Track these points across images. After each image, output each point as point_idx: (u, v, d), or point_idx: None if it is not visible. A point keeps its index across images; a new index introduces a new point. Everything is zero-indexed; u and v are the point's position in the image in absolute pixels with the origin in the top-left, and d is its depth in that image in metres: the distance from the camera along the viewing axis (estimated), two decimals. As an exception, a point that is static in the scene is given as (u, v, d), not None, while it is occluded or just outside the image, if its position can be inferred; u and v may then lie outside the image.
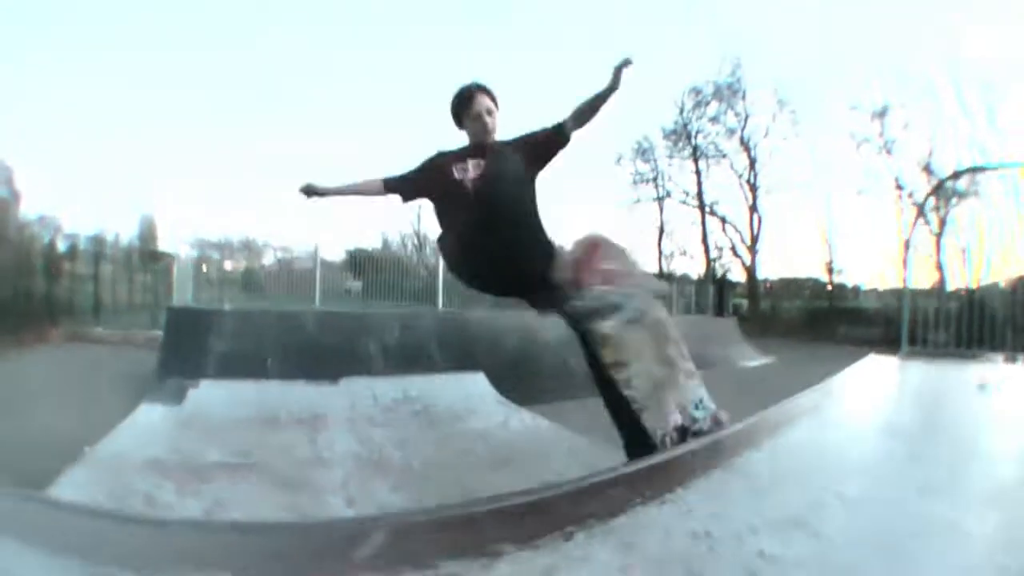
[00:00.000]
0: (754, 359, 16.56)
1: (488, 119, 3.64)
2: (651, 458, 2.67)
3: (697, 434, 3.11)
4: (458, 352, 9.79)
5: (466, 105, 3.62)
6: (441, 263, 12.60)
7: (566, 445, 6.53)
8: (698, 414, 3.22)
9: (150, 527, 2.30)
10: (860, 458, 3.15)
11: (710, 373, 11.99)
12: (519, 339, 10.60)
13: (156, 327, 16.08)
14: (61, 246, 25.72)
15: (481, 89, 3.67)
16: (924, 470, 2.78)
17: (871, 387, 6.33)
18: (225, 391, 7.89)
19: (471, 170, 3.48)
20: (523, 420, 7.68)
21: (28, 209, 26.67)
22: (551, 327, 11.11)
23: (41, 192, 42.40)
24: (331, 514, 4.65)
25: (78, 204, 47.65)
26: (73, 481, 5.13)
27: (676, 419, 3.17)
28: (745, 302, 29.35)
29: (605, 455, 6.42)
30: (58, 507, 2.42)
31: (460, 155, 3.61)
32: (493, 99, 3.68)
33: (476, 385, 8.76)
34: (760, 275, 30.89)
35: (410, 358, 9.38)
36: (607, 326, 3.25)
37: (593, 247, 3.35)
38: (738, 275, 30.98)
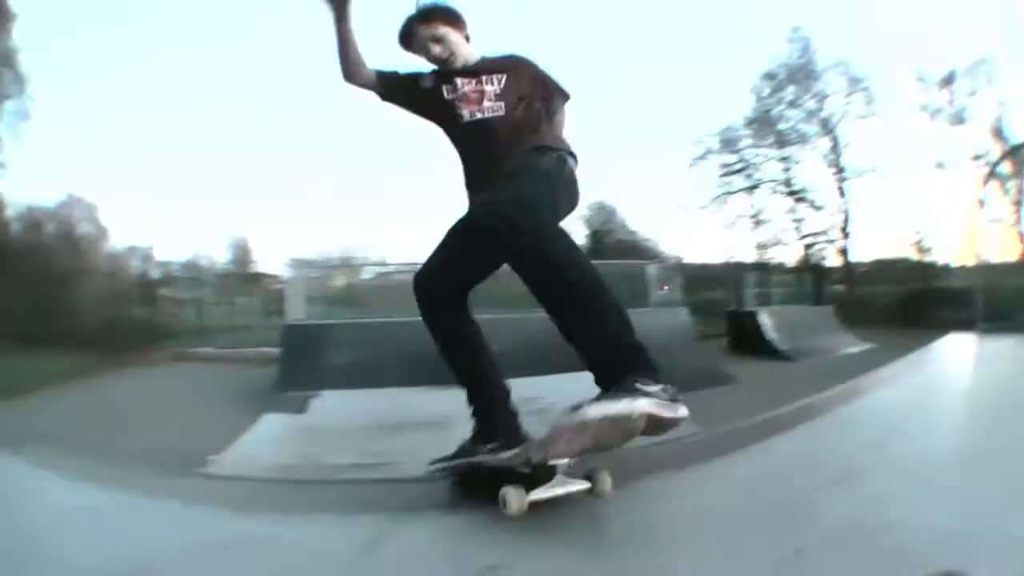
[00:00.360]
0: (854, 346, 16.09)
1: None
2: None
3: None
4: (572, 351, 9.64)
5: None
6: None
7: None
8: None
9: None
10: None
11: (812, 363, 11.81)
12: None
13: (262, 344, 16.47)
14: (155, 274, 26.91)
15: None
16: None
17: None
18: (347, 400, 7.98)
19: None
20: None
21: (117, 242, 28.01)
22: (659, 323, 11.09)
23: (130, 224, 43.73)
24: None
25: (169, 233, 49.03)
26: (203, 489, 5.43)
27: None
28: (841, 288, 28.50)
29: (724, 445, 6.52)
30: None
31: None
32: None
33: (590, 383, 8.71)
34: (854, 259, 29.98)
35: (530, 360, 9.38)
36: None
37: None
38: (833, 261, 30.11)
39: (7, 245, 22.86)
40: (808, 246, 29.88)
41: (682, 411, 1.85)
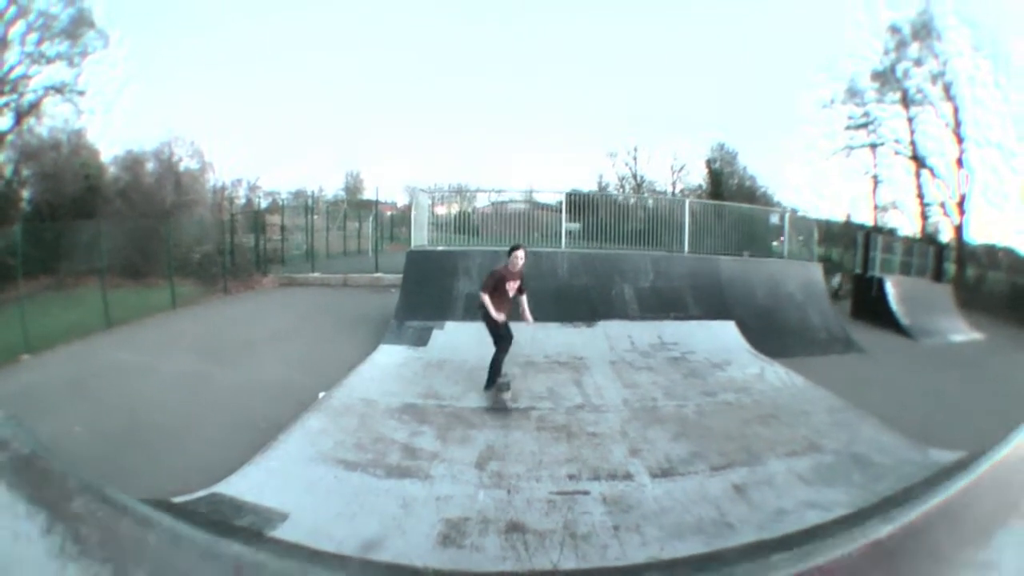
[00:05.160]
0: (967, 333, 15.14)
1: (520, 264, 6.93)
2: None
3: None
4: (708, 298, 9.46)
5: (516, 252, 6.95)
6: (687, 209, 12.18)
7: (824, 404, 6.27)
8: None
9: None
10: None
11: (933, 345, 11.11)
12: (766, 289, 10.19)
13: (374, 270, 16.93)
14: (262, 203, 27.37)
15: (521, 248, 7.00)
16: None
17: None
18: (473, 332, 7.61)
19: (511, 288, 6.91)
20: (778, 374, 7.34)
21: (222, 176, 28.68)
22: (794, 278, 10.57)
23: (241, 159, 44.68)
24: (613, 465, 4.53)
25: (283, 166, 50.07)
26: (327, 423, 5.35)
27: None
28: (952, 267, 26.98)
29: (860, 420, 5.94)
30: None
31: (509, 275, 6.89)
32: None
33: (728, 333, 8.45)
34: (968, 237, 28.24)
35: (663, 301, 9.03)
36: None
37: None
38: (947, 236, 28.46)
39: (106, 186, 23.96)
40: (926, 216, 28.32)
41: None
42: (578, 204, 12.55)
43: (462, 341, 7.99)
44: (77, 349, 9.21)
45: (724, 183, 28.96)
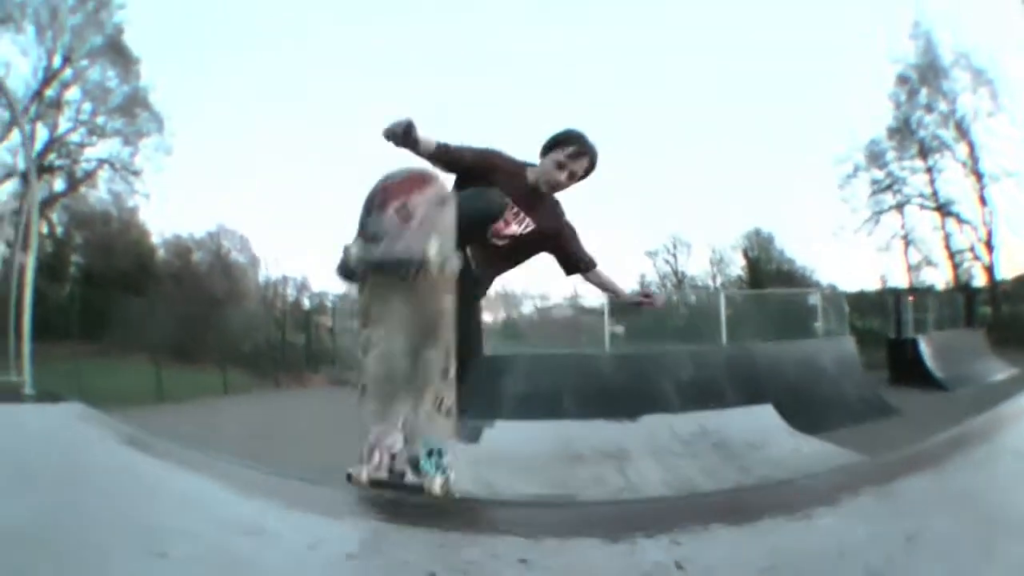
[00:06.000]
0: (1003, 371, 15.21)
1: (569, 182, 3.19)
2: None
3: (396, 483, 2.57)
4: (746, 385, 9.93)
5: (567, 154, 3.12)
6: (723, 302, 12.74)
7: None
8: (424, 465, 2.56)
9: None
10: None
11: (966, 393, 11.32)
12: (801, 369, 10.66)
13: None
14: (311, 302, 28.40)
15: (590, 150, 3.17)
16: None
17: None
18: (522, 430, 8.21)
19: (513, 224, 3.09)
20: (813, 447, 7.78)
21: (271, 271, 29.82)
22: (828, 354, 11.01)
23: (286, 255, 45.93)
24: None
25: (325, 265, 51.36)
26: None
27: (392, 446, 2.62)
28: (988, 309, 26.86)
29: (892, 476, 6.42)
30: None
31: (517, 192, 3.06)
32: (593, 166, 3.23)
33: (766, 416, 8.79)
34: (999, 276, 28.19)
35: (703, 393, 9.52)
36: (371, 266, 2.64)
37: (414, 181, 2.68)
38: (980, 278, 28.42)
39: (157, 267, 25.38)
40: (957, 264, 28.39)
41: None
42: (621, 305, 13.10)
43: (511, 438, 8.38)
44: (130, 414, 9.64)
45: (762, 270, 29.30)
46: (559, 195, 3.24)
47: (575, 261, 3.34)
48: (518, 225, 3.07)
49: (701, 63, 38.95)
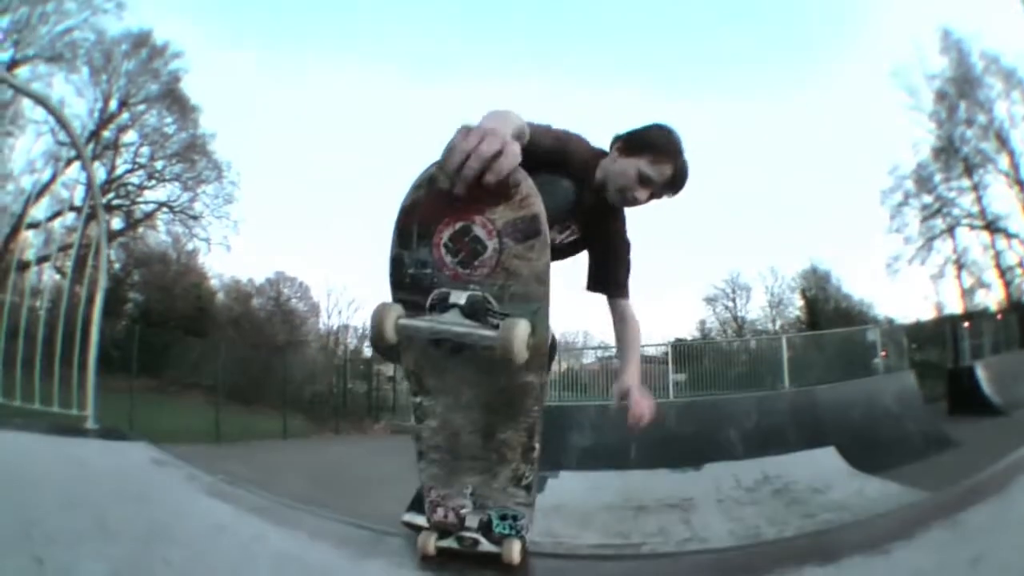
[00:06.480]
0: None
1: (645, 201, 2.34)
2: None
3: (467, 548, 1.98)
4: (808, 429, 10.04)
5: (659, 170, 2.26)
6: (784, 346, 12.81)
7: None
8: (498, 528, 1.99)
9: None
10: None
11: (1017, 417, 11.17)
12: (863, 408, 10.65)
13: None
14: (367, 352, 28.62)
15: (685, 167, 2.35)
16: None
17: None
18: (586, 480, 8.41)
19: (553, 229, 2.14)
20: (875, 487, 7.86)
21: (332, 320, 30.39)
22: (888, 392, 11.04)
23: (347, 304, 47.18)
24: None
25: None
26: None
27: (461, 507, 1.99)
28: (1044, 327, 26.10)
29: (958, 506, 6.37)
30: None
31: (578, 199, 2.29)
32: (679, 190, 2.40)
33: (829, 459, 8.88)
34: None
35: (765, 439, 9.64)
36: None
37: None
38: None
39: (216, 310, 26.19)
40: (1008, 282, 27.76)
41: None
42: (683, 353, 13.25)
43: (576, 487, 8.57)
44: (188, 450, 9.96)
45: (820, 309, 28.96)
46: None
47: (604, 279, 2.49)
48: (559, 232, 2.36)
49: (742, 99, 39.14)
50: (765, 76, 40.36)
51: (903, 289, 44.85)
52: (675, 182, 2.28)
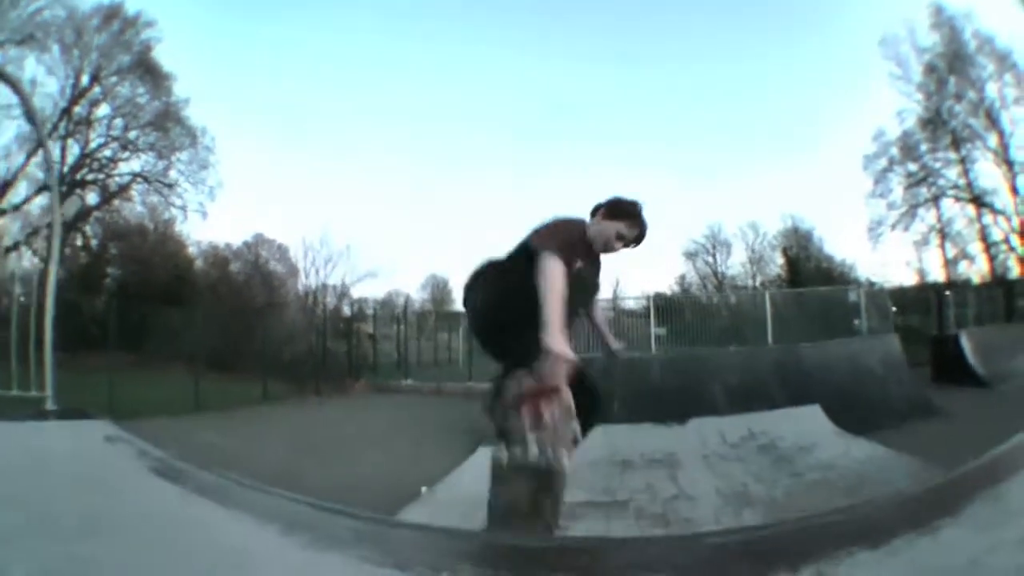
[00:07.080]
0: None
1: (619, 250, 3.45)
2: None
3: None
4: (792, 386, 9.95)
5: (632, 232, 3.39)
6: (768, 304, 12.76)
7: (905, 470, 6.66)
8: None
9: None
10: None
11: (1007, 389, 11.25)
12: (847, 369, 10.62)
13: (467, 380, 16.92)
14: (346, 310, 28.98)
15: (647, 229, 3.44)
16: None
17: None
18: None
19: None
20: (862, 448, 7.77)
21: (308, 279, 30.20)
22: (873, 353, 11.02)
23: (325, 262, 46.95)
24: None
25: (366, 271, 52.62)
26: (433, 517, 5.57)
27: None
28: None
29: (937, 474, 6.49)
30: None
31: (583, 250, 3.29)
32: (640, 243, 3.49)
33: (814, 417, 8.84)
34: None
35: (749, 395, 9.58)
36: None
37: (538, 393, 2.89)
38: (1015, 270, 27.91)
39: (195, 277, 26.22)
40: (993, 257, 27.98)
41: None
42: (663, 307, 13.17)
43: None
44: (165, 423, 9.90)
45: (802, 268, 29.05)
46: None
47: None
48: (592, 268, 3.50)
49: (732, 62, 38.92)
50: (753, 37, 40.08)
51: (885, 254, 44.97)
52: (640, 239, 3.43)
